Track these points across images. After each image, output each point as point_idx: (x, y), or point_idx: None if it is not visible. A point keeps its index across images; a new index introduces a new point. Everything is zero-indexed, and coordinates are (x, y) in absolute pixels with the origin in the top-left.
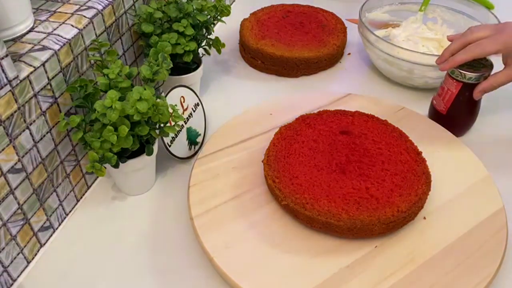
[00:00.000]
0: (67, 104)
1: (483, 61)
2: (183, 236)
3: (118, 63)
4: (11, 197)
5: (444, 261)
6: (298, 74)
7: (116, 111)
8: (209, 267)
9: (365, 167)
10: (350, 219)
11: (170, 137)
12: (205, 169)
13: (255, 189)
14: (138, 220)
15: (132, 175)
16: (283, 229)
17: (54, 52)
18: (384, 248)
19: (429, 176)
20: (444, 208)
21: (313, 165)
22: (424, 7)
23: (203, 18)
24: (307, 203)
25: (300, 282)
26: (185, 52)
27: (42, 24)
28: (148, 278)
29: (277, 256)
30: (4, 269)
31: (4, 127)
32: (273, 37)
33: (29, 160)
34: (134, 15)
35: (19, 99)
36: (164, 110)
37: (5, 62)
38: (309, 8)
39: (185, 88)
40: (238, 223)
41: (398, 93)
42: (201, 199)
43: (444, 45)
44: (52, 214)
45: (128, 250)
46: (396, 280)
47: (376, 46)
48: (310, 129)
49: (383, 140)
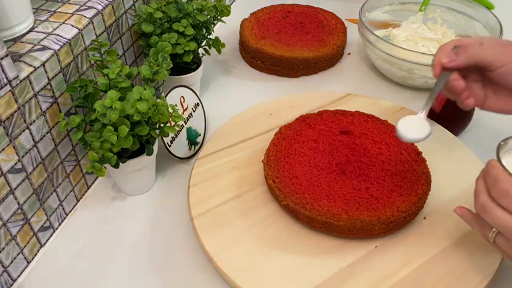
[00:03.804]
0: (67, 104)
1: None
2: (183, 236)
3: (118, 63)
4: (11, 197)
5: (444, 261)
6: (298, 74)
7: (116, 111)
8: (209, 267)
9: (365, 167)
10: (350, 219)
11: (170, 137)
12: (205, 169)
13: (255, 189)
14: (138, 220)
15: (132, 175)
16: (283, 229)
17: (54, 52)
18: (384, 248)
19: (429, 176)
20: (444, 208)
21: (313, 165)
22: (424, 7)
23: (203, 18)
24: (307, 203)
25: (300, 282)
26: (185, 52)
27: (42, 24)
28: (148, 278)
29: (277, 256)
30: (4, 269)
31: (4, 127)
32: (273, 37)
33: (29, 160)
34: (134, 15)
35: (19, 99)
36: (164, 110)
37: (5, 62)
38: (309, 8)
39: (185, 88)
40: (238, 223)
41: (398, 93)
42: (201, 199)
43: None
44: (52, 214)
45: (128, 250)
46: (396, 280)
47: (376, 46)
48: (310, 129)
49: (383, 140)
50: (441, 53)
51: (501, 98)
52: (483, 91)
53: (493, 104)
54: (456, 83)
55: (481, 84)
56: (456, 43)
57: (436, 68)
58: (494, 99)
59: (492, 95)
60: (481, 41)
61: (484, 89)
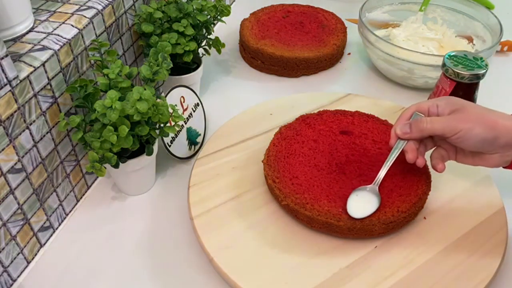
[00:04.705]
0: (67, 104)
1: (478, 61)
2: (183, 236)
3: (118, 63)
4: (11, 197)
5: (444, 261)
6: (298, 74)
7: (116, 111)
8: (209, 267)
9: (365, 167)
10: (350, 219)
11: (170, 137)
12: (205, 169)
13: (255, 189)
14: (138, 220)
15: (132, 175)
16: (283, 229)
17: (54, 52)
18: (384, 248)
19: (429, 176)
20: (444, 208)
21: (313, 165)
22: (424, 7)
23: (203, 18)
24: (307, 203)
25: (300, 282)
26: (185, 52)
27: (42, 24)
28: (148, 278)
29: (277, 256)
30: (4, 269)
31: (4, 127)
32: (273, 37)
33: (29, 160)
34: (134, 15)
35: (19, 99)
36: (164, 110)
37: (5, 62)
38: (309, 8)
39: (185, 88)
40: (238, 223)
41: (398, 93)
42: (201, 199)
43: (444, 45)
44: (52, 214)
45: (128, 250)
46: (396, 280)
47: (376, 46)
48: (310, 129)
49: (383, 140)
50: (397, 124)
51: (468, 156)
52: (453, 147)
53: (462, 160)
54: (407, 155)
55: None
56: (416, 109)
57: (392, 139)
58: (462, 155)
59: (460, 150)
60: (437, 103)
61: (453, 146)
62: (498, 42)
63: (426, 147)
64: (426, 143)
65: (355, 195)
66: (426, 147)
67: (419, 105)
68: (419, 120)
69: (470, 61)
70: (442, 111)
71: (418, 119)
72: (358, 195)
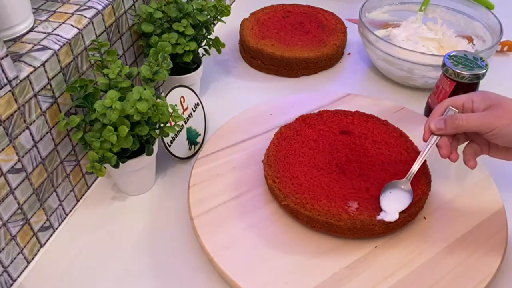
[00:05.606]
0: (67, 104)
1: (478, 61)
2: (183, 236)
3: (118, 63)
4: (11, 197)
5: (444, 261)
6: (298, 74)
7: (116, 111)
8: (209, 267)
9: (365, 167)
10: (350, 219)
11: (170, 137)
12: (205, 169)
13: (255, 189)
14: (138, 220)
15: (132, 175)
16: (283, 229)
17: (54, 52)
18: (384, 248)
19: (429, 176)
20: (444, 208)
21: (313, 165)
22: (424, 7)
23: (203, 18)
24: (307, 203)
25: (300, 282)
26: (185, 52)
27: (42, 24)
28: (148, 278)
29: (277, 256)
30: (4, 269)
31: (4, 127)
32: (273, 37)
33: (29, 160)
34: (134, 15)
35: (19, 99)
36: (164, 110)
37: (5, 62)
38: (309, 8)
39: (185, 88)
40: (238, 223)
41: (398, 93)
42: (201, 199)
43: (444, 45)
44: (52, 214)
45: (128, 250)
46: (396, 280)
47: (376, 46)
48: (310, 129)
49: (383, 140)
50: (431, 119)
51: (501, 151)
52: (486, 142)
53: (495, 154)
54: (440, 151)
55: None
56: (450, 103)
57: (426, 133)
58: (495, 150)
59: (493, 146)
60: (472, 99)
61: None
62: (498, 42)
63: (458, 141)
64: (458, 137)
65: (389, 192)
66: (458, 141)
67: (453, 100)
68: (454, 117)
69: (470, 61)
70: (477, 106)
71: (453, 115)
72: (392, 192)
